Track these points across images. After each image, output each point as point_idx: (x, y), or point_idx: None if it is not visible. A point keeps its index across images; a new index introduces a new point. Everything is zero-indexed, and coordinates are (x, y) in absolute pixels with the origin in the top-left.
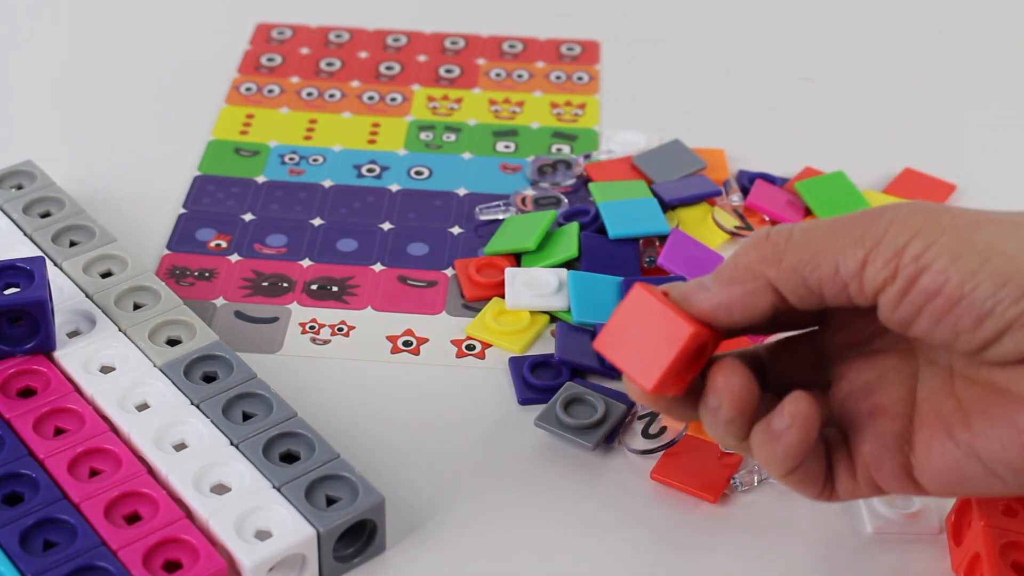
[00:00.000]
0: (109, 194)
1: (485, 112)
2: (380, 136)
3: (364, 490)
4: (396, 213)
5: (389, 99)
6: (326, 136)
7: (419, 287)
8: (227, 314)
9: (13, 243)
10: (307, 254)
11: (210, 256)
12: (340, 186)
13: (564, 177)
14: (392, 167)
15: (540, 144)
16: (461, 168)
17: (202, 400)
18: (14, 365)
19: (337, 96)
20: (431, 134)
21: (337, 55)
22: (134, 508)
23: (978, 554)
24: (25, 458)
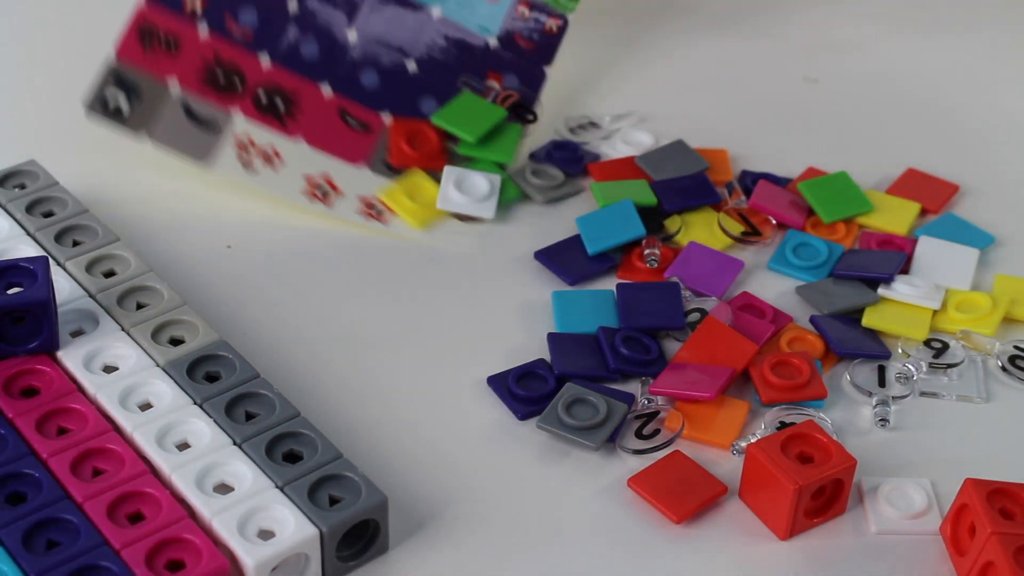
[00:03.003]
0: (112, 194)
1: None
2: None
3: (367, 490)
4: (366, 19)
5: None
6: None
7: (354, 129)
8: (176, 105)
9: (16, 243)
10: (268, 47)
11: (181, 20)
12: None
13: (592, 137)
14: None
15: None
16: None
17: (205, 399)
18: (17, 365)
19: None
20: None
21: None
22: (137, 508)
23: (991, 561)
24: (28, 457)
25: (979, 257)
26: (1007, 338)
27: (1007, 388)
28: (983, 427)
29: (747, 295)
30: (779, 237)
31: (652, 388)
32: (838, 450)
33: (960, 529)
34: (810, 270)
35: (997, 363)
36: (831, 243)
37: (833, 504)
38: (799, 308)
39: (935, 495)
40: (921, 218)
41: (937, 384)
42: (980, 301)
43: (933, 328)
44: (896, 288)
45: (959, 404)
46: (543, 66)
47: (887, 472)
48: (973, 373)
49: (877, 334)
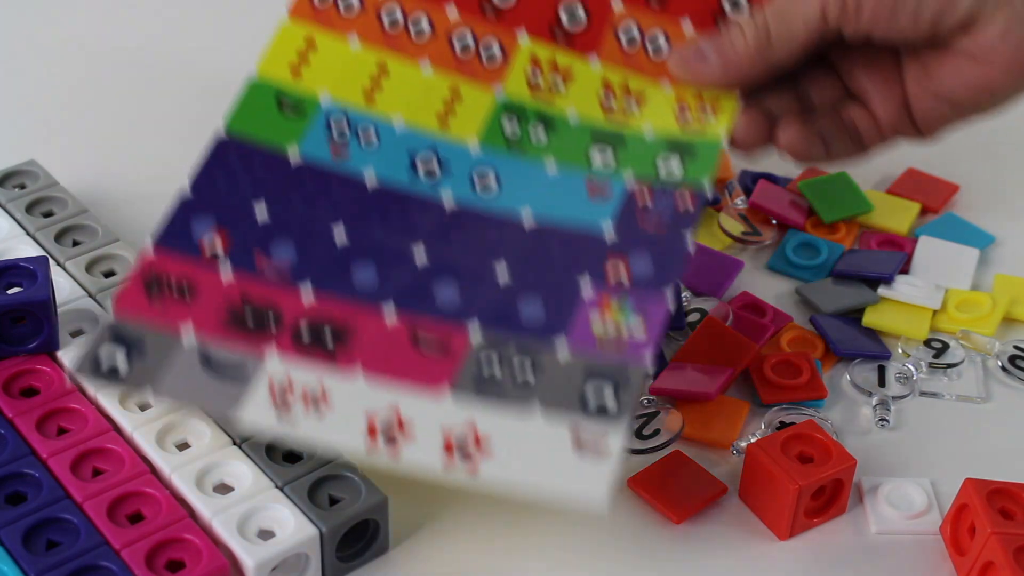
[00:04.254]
0: (112, 194)
1: (593, 101)
2: (456, 113)
3: (367, 490)
4: (439, 239)
5: (484, 52)
6: (392, 97)
7: (429, 353)
8: (190, 354)
9: (16, 243)
10: (313, 279)
11: (197, 264)
12: (384, 187)
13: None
14: (455, 167)
15: (645, 157)
16: (538, 182)
17: None
18: (17, 364)
19: (425, 31)
20: (518, 125)
21: None
22: (137, 508)
23: (991, 561)
24: (28, 457)
25: (979, 257)
26: (1007, 338)
27: (1007, 388)
28: (983, 427)
29: (747, 295)
30: (779, 237)
31: (652, 387)
32: (838, 450)
33: (960, 529)
34: (810, 270)
35: (997, 363)
36: (831, 243)
37: (833, 504)
38: (799, 308)
39: (935, 495)
40: (921, 218)
41: (937, 384)
42: (980, 301)
43: (933, 328)
44: (896, 288)
45: (959, 404)
46: (682, 242)
47: (887, 472)
48: (973, 373)
49: (877, 334)
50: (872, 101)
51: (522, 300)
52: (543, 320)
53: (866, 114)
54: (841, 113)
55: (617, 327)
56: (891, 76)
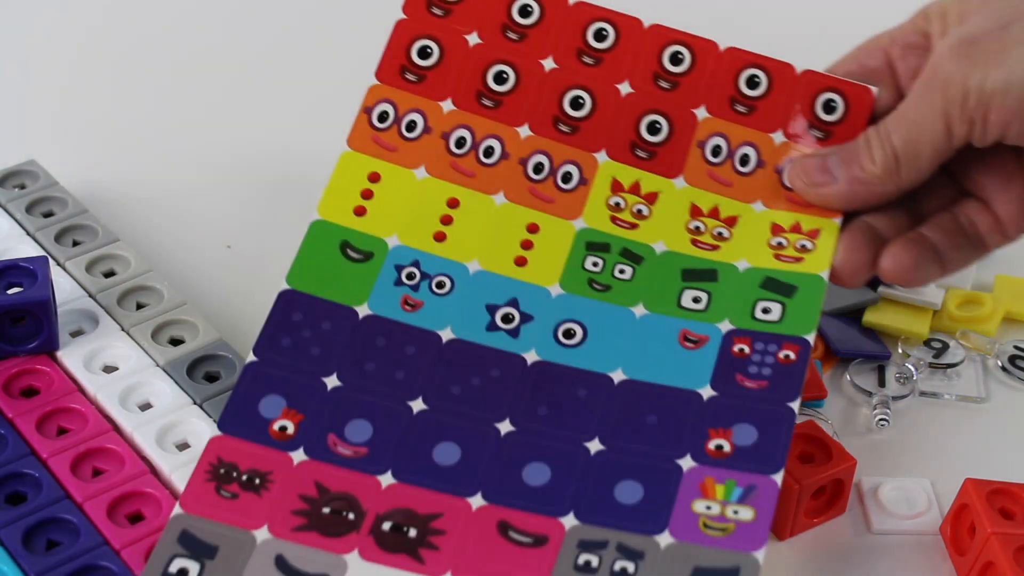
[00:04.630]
0: (112, 194)
1: (681, 231)
2: (534, 252)
3: None
4: (523, 404)
5: (561, 176)
6: (465, 236)
7: (521, 545)
8: (266, 559)
9: (16, 243)
10: (391, 463)
11: (269, 447)
12: (462, 343)
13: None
14: (537, 317)
15: (741, 299)
16: (627, 332)
17: (205, 399)
18: (17, 365)
19: (496, 153)
20: (601, 262)
21: (513, 55)
22: (137, 507)
23: (991, 562)
24: (28, 457)
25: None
26: (1007, 338)
27: (1007, 388)
28: (983, 427)
29: None
30: None
31: None
32: (838, 450)
33: (960, 529)
34: None
35: (997, 363)
36: None
37: (833, 504)
38: None
39: (935, 495)
40: None
41: (937, 384)
42: (980, 301)
43: (933, 328)
44: (896, 288)
45: (959, 404)
46: (787, 403)
47: (887, 472)
48: (973, 373)
49: (877, 334)
50: (994, 200)
51: (618, 483)
52: (642, 506)
53: (988, 214)
54: (958, 216)
55: (723, 512)
56: (1014, 171)
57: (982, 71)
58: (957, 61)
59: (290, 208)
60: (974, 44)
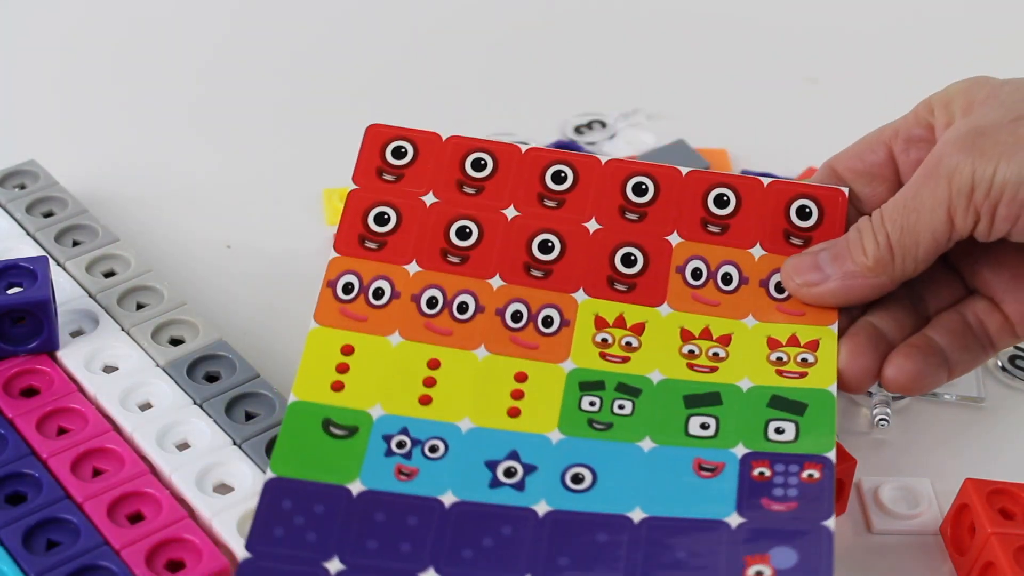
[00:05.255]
0: (112, 194)
1: (675, 357)
2: (527, 401)
3: None
4: (543, 557)
5: (542, 321)
6: (452, 397)
7: None
8: None
9: (16, 243)
10: None
11: None
12: (466, 505)
13: (600, 137)
14: (541, 466)
15: (751, 420)
16: (638, 468)
17: (205, 399)
18: (17, 365)
19: (470, 308)
20: (598, 401)
21: (473, 209)
22: (137, 508)
23: (991, 562)
24: (28, 458)
25: None
26: None
27: (1007, 388)
28: (983, 427)
29: None
30: None
31: None
32: (838, 450)
33: (960, 529)
34: None
35: (997, 363)
36: None
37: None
38: None
39: (935, 495)
40: None
41: None
42: None
43: None
44: None
45: (959, 404)
46: (821, 523)
47: (887, 472)
48: (973, 373)
49: None
50: (1004, 300)
51: None
52: None
53: (997, 314)
54: (966, 316)
55: None
56: (1022, 269)
57: (992, 163)
58: (965, 151)
59: (290, 208)
60: (984, 135)
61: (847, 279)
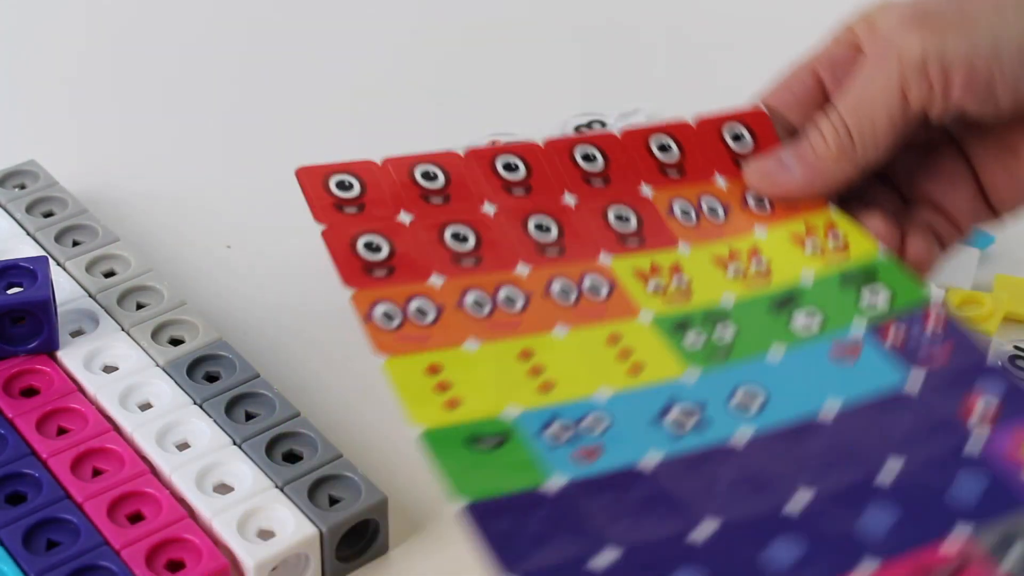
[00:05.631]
0: (112, 194)
1: (728, 282)
2: (638, 356)
3: (367, 490)
4: (784, 481)
5: (590, 290)
6: (570, 377)
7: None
8: None
9: (16, 243)
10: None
11: None
12: (670, 461)
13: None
14: (706, 403)
15: (844, 302)
16: (789, 374)
17: (205, 399)
18: (17, 364)
19: (519, 299)
20: (699, 334)
21: (453, 215)
22: (137, 508)
23: None
24: (28, 457)
25: (979, 257)
26: (1007, 338)
27: None
28: None
29: None
30: None
31: None
32: None
33: None
34: None
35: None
36: None
37: None
38: None
39: None
40: None
41: None
42: (980, 301)
43: None
44: None
45: None
46: (982, 354)
47: None
48: None
49: None
50: (944, 201)
51: (952, 485)
52: (988, 495)
53: (940, 215)
54: (913, 221)
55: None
56: (958, 168)
57: (941, 36)
58: (914, 29)
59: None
60: (929, 14)
61: (810, 171)
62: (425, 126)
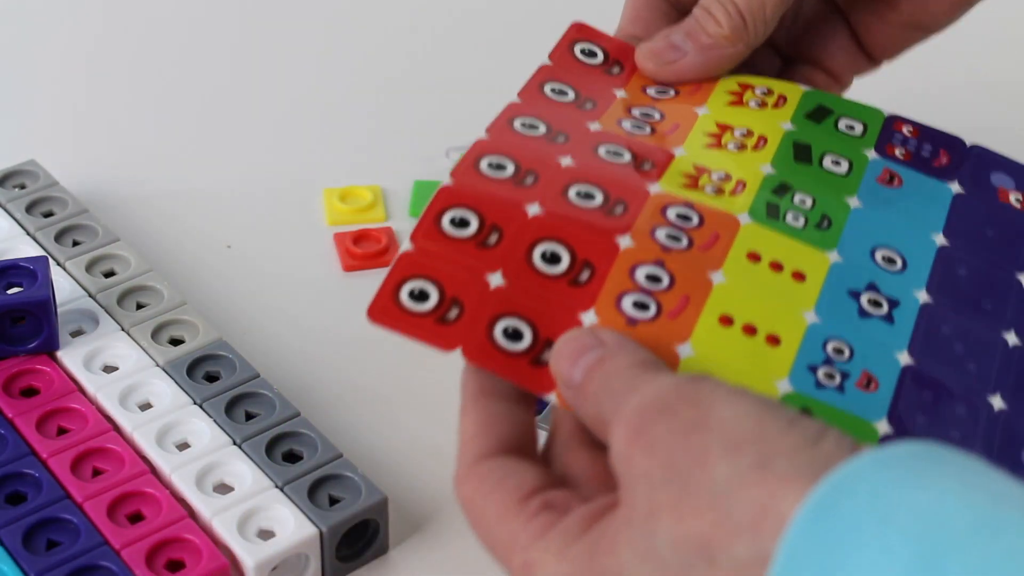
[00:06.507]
0: (112, 194)
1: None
2: (788, 263)
3: (367, 490)
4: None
5: (683, 221)
6: (773, 318)
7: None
8: None
9: (16, 243)
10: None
11: None
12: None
13: None
14: (876, 278)
15: (841, 141)
16: (869, 218)
17: (205, 399)
18: (17, 364)
19: (664, 279)
20: (795, 217)
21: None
22: (137, 507)
23: None
24: (28, 457)
25: None
26: None
27: None
28: None
29: None
30: None
31: None
32: None
33: None
34: None
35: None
36: None
37: None
38: None
39: None
40: None
41: None
42: None
43: None
44: None
45: None
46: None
47: None
48: None
49: None
50: (823, 57)
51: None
52: None
53: (819, 71)
54: (794, 79)
55: None
56: (835, 24)
57: None
58: None
59: (290, 208)
60: None
61: (704, 51)
62: (426, 126)
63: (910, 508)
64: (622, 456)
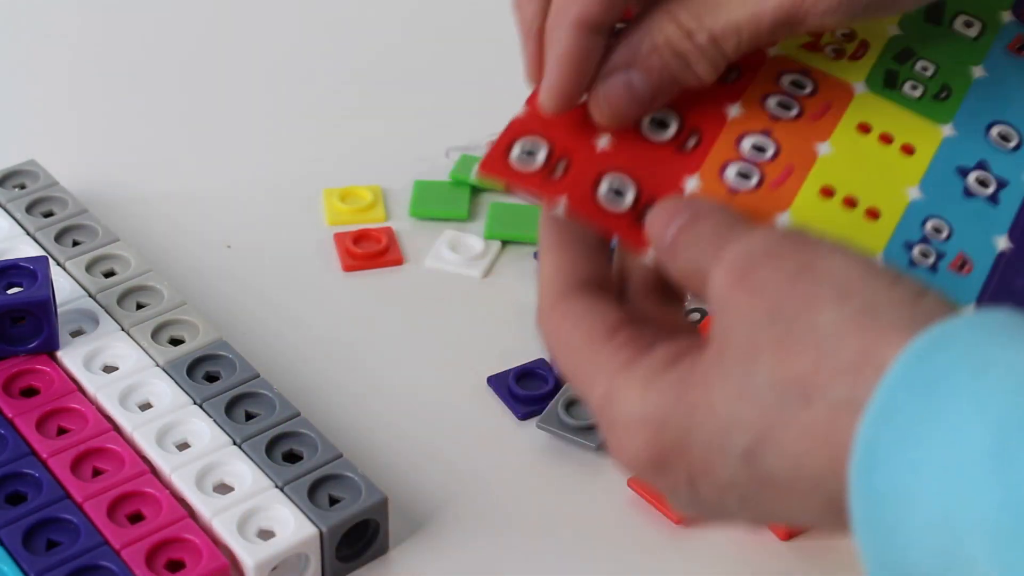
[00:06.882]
0: (112, 194)
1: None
2: (898, 136)
3: (367, 490)
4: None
5: (796, 88)
6: (875, 192)
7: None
8: None
9: (16, 243)
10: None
11: None
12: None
13: None
14: (988, 158)
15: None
16: (989, 90)
17: (205, 399)
18: (17, 364)
19: (769, 149)
20: (914, 87)
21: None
22: (137, 507)
23: None
24: (28, 457)
25: None
26: None
27: None
28: None
29: None
30: None
31: None
32: None
33: None
34: None
35: None
36: None
37: None
38: None
39: None
40: None
41: None
42: None
43: None
44: None
45: None
46: None
47: None
48: None
49: None
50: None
51: None
52: None
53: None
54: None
55: None
56: None
57: None
58: None
59: (290, 208)
60: None
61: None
62: (426, 126)
63: (1005, 364)
64: (723, 298)
